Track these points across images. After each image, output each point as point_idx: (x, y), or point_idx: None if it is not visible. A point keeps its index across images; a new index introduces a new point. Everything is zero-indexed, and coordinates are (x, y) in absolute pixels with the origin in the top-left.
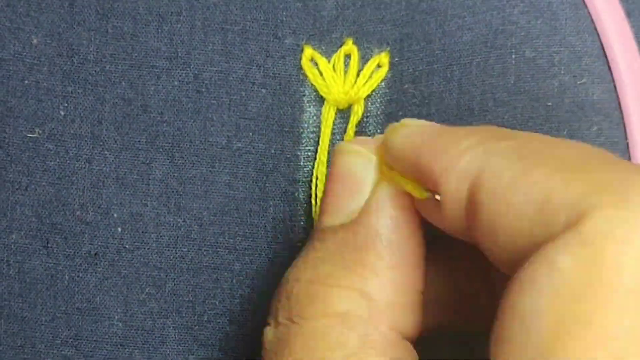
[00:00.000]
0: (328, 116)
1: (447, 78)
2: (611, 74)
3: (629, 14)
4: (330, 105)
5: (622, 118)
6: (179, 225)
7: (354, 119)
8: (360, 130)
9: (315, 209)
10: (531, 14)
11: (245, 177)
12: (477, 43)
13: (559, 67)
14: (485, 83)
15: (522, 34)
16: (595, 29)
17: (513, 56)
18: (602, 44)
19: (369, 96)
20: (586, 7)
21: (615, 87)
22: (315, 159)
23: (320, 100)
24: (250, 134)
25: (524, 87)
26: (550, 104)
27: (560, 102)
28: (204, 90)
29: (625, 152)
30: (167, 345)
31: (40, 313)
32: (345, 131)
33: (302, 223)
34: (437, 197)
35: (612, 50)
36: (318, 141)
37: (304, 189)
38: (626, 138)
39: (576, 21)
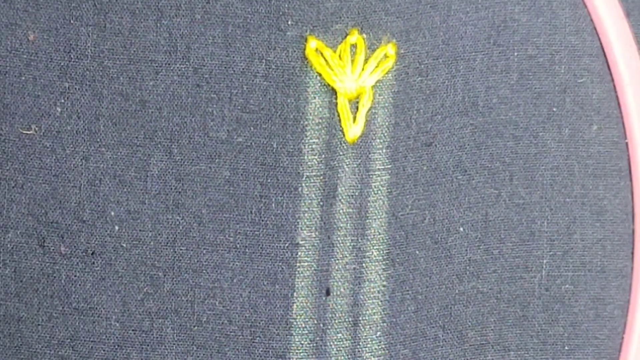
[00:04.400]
0: (344, 107)
1: (452, 73)
2: (611, 73)
3: (628, 13)
4: (341, 96)
5: (622, 118)
6: (177, 223)
7: (363, 109)
8: (370, 121)
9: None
10: (532, 12)
11: (246, 173)
12: (480, 39)
13: (559, 66)
14: (489, 80)
15: (524, 32)
16: (595, 29)
17: (515, 53)
18: (601, 44)
19: (376, 87)
20: (585, 6)
21: (614, 86)
22: (319, 152)
23: (326, 91)
24: (252, 127)
25: (526, 85)
26: (554, 107)
27: (562, 101)
28: (204, 84)
29: (625, 152)
30: (165, 346)
31: (37, 313)
32: (355, 121)
33: (305, 220)
34: None
35: (612, 49)
36: (323, 133)
37: (307, 183)
38: (626, 138)
39: (576, 20)
